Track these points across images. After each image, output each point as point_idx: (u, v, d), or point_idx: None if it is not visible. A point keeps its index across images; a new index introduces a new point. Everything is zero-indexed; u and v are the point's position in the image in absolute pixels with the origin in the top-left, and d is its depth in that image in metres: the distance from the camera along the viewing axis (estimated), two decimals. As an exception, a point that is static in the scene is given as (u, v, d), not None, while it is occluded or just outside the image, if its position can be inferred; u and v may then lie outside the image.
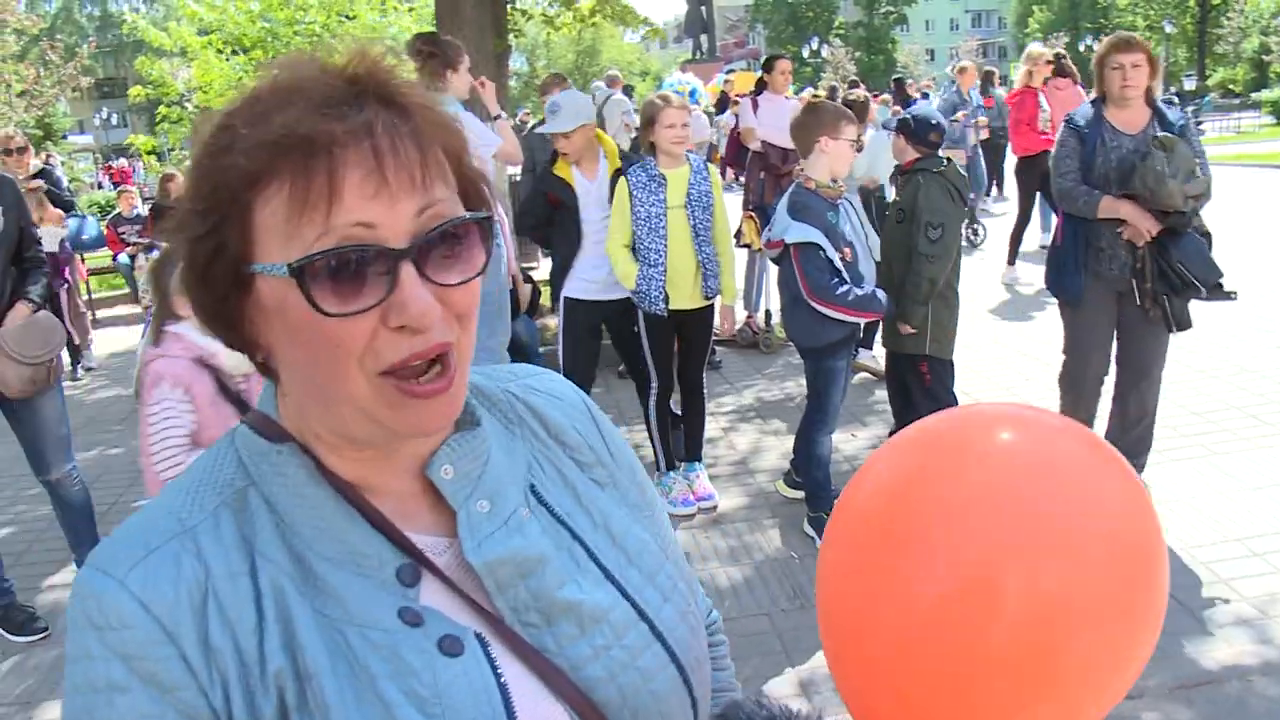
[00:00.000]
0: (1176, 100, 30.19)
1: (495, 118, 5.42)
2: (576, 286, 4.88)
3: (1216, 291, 4.11)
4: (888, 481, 0.98)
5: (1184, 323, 4.24)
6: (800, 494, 4.72)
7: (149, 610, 0.78)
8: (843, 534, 0.98)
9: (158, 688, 0.77)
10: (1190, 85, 38.76)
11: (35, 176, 8.48)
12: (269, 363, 0.87)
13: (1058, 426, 0.96)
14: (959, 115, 11.26)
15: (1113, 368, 4.51)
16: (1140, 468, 4.49)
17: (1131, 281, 4.23)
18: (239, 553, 0.82)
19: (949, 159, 4.71)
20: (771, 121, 7.60)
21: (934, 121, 4.67)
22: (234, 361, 2.82)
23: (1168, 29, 44.70)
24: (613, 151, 4.91)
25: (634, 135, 8.26)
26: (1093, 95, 4.47)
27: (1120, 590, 0.85)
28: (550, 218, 4.97)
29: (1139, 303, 4.23)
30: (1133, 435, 4.43)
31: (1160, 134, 4.11)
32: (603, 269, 4.78)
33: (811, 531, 4.41)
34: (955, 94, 11.79)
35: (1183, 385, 6.05)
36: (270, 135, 0.76)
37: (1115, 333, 4.44)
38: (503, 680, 0.84)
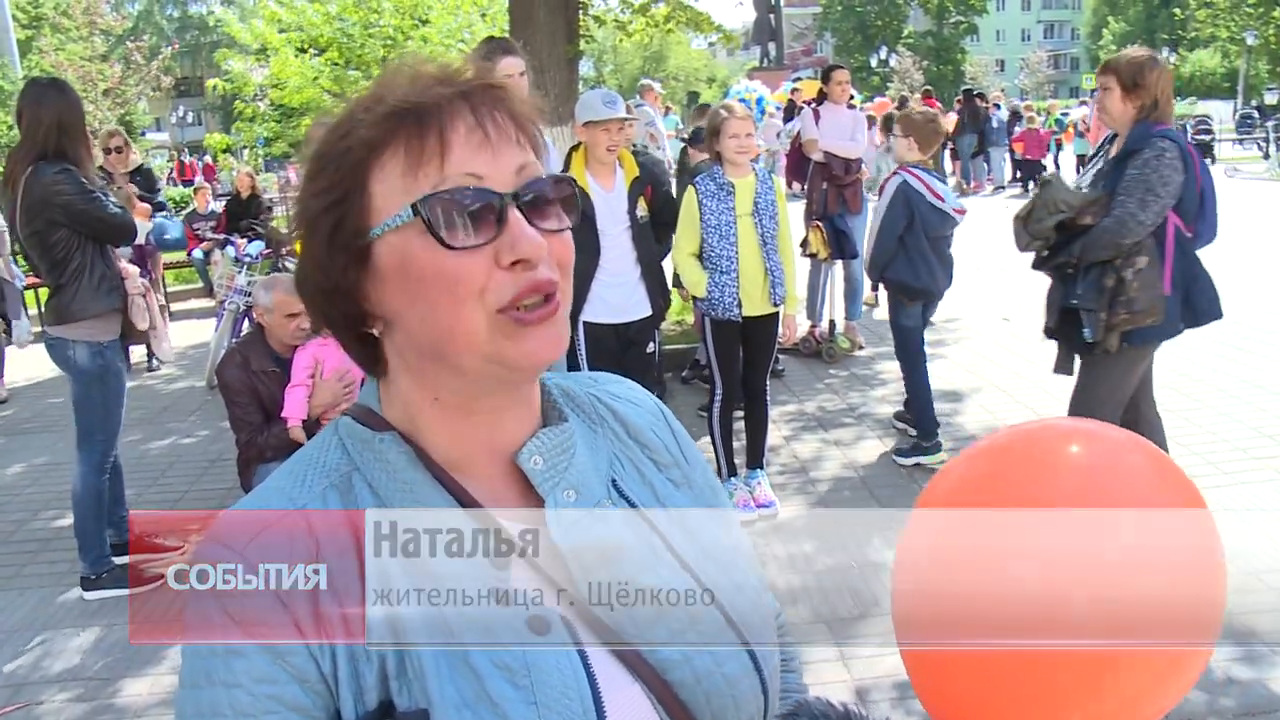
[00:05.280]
0: (1256, 115, 29.49)
1: None
2: (597, 309, 4.66)
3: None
4: (963, 488, 1.02)
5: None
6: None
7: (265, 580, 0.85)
8: (914, 542, 1.03)
9: (272, 652, 0.84)
10: (1272, 99, 37.77)
11: (134, 173, 8.76)
12: (383, 337, 0.94)
13: (1123, 440, 1.01)
14: None
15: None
16: None
17: None
18: (345, 530, 0.89)
19: None
20: (832, 132, 7.57)
21: None
22: None
23: (1250, 40, 43.54)
24: (630, 161, 4.72)
25: (658, 146, 8.33)
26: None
27: (1178, 601, 0.89)
28: None
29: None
30: None
31: (1048, 173, 4.11)
32: (619, 289, 4.65)
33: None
34: None
35: (1251, 406, 5.94)
36: (386, 109, 0.87)
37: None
38: (587, 659, 0.89)
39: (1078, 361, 4.11)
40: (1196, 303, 3.90)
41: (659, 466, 1.07)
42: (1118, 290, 3.82)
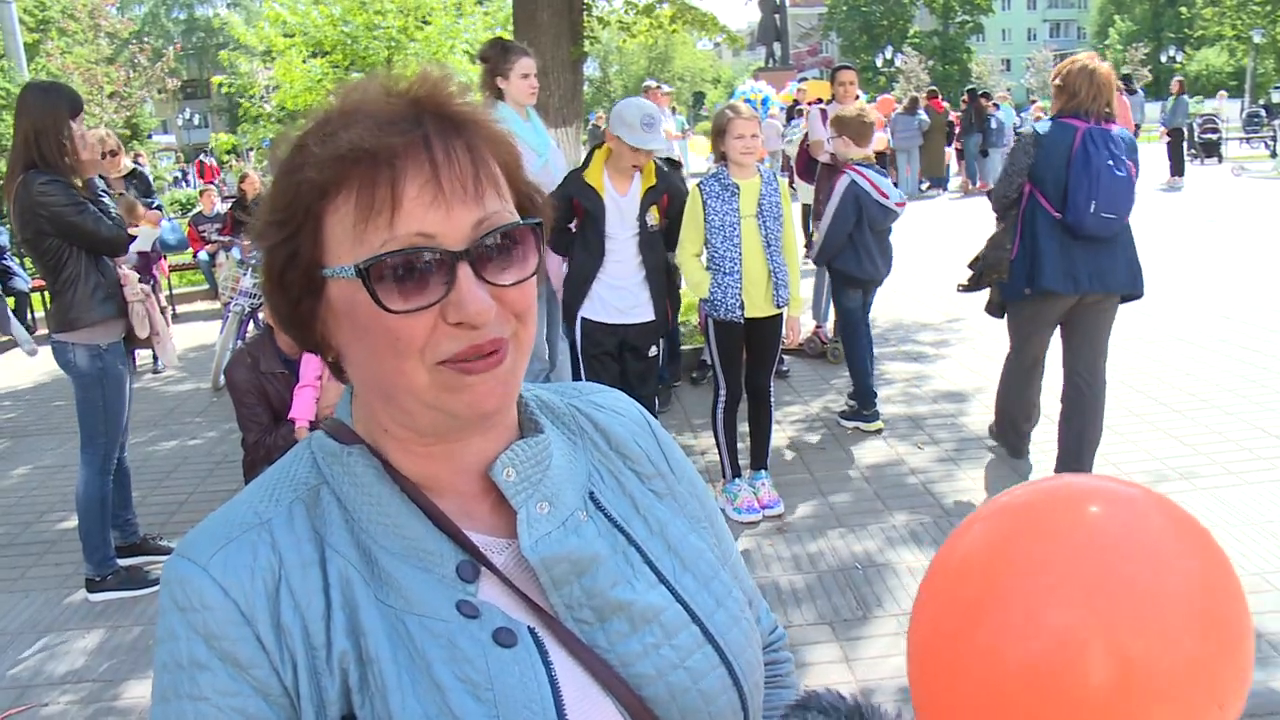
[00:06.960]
0: (1263, 113, 29.34)
1: None
2: (595, 308, 4.71)
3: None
4: (977, 549, 0.97)
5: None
6: None
7: (228, 593, 0.84)
8: (932, 598, 0.99)
9: (235, 665, 0.83)
10: (1279, 98, 37.56)
11: (127, 177, 8.77)
12: (340, 363, 0.95)
13: (1140, 498, 0.97)
14: None
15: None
16: None
17: None
18: (310, 545, 0.88)
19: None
20: None
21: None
22: None
23: (1256, 39, 43.39)
24: (649, 169, 4.69)
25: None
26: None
27: (1204, 660, 0.84)
28: (570, 223, 4.75)
29: None
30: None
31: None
32: (621, 291, 4.68)
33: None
34: None
35: (1258, 405, 5.92)
36: (338, 150, 0.84)
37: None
38: (553, 671, 0.88)
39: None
40: (1036, 274, 4.57)
41: (641, 478, 1.06)
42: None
